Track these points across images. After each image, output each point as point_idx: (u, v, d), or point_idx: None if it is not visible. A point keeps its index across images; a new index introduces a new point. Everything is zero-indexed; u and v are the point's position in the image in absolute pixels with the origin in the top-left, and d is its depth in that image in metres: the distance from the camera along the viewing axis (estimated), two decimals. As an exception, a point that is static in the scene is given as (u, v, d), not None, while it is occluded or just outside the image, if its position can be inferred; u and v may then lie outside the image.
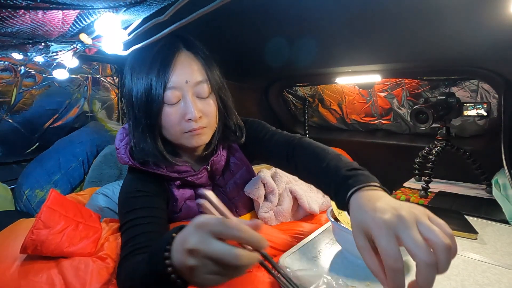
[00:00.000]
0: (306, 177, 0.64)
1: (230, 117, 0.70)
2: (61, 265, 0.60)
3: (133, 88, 0.60)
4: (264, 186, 0.81)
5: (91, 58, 1.51)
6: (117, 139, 0.69)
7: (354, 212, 0.42)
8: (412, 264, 0.57)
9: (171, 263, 0.37)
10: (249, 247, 0.34)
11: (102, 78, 1.65)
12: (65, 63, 0.93)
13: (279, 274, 0.36)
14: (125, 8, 0.48)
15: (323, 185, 0.56)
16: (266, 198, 0.81)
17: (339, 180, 0.49)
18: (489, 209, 0.88)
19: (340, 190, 0.47)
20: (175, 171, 0.66)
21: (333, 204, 0.62)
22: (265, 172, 0.92)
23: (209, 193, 0.40)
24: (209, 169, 0.71)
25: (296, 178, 0.95)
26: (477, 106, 1.01)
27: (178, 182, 0.68)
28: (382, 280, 0.36)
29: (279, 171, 0.91)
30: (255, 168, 0.98)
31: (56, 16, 0.47)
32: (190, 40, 0.63)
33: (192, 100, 0.60)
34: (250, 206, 0.81)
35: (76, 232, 0.65)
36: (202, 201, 0.39)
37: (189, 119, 0.59)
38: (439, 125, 1.07)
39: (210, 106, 0.63)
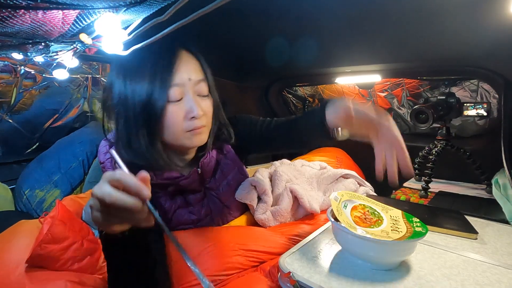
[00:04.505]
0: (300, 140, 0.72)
1: (221, 117, 0.71)
2: (67, 276, 0.60)
3: (130, 90, 0.58)
4: (256, 188, 0.80)
5: (91, 58, 1.51)
6: (101, 152, 0.66)
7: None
8: (413, 264, 0.57)
9: None
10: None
11: (102, 78, 1.65)
12: (65, 63, 0.93)
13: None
14: (125, 8, 0.48)
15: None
16: (260, 199, 0.80)
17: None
18: (489, 209, 0.88)
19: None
20: (165, 178, 0.63)
21: (333, 204, 0.62)
22: (261, 171, 0.92)
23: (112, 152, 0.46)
24: (199, 172, 0.69)
25: (296, 176, 0.95)
26: (477, 106, 1.01)
27: (171, 188, 0.66)
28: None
29: (279, 170, 0.91)
30: (253, 168, 0.98)
31: (56, 16, 0.47)
32: (186, 41, 0.63)
33: (194, 98, 0.60)
34: (244, 208, 0.80)
35: (82, 248, 0.64)
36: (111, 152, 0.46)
37: (193, 117, 0.59)
38: (439, 125, 1.07)
39: (209, 106, 0.64)
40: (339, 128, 0.59)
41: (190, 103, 0.59)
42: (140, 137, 0.58)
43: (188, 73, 0.59)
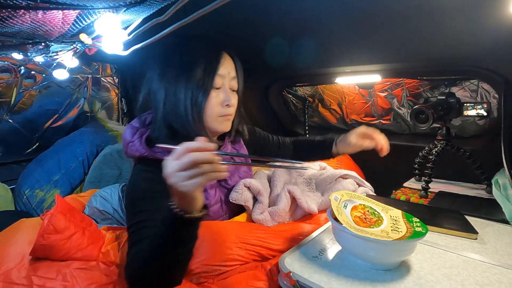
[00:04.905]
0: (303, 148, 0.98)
1: (241, 114, 0.82)
2: (70, 263, 0.62)
3: (184, 76, 0.68)
4: (249, 189, 0.80)
5: (91, 58, 1.51)
6: (128, 134, 0.73)
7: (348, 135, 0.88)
8: (413, 264, 0.57)
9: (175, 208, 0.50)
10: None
11: (102, 78, 1.65)
12: (65, 63, 0.93)
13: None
14: (125, 8, 0.48)
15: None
16: (257, 200, 0.81)
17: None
18: (489, 209, 0.88)
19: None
20: None
21: (333, 204, 0.62)
22: (260, 172, 0.94)
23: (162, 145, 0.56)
24: None
25: (295, 177, 0.96)
26: (477, 106, 1.01)
27: None
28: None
29: (277, 171, 0.92)
30: (254, 169, 0.99)
31: (56, 16, 0.47)
32: (227, 45, 0.75)
33: (228, 89, 0.72)
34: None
35: (84, 238, 0.67)
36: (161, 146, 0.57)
37: (227, 105, 0.71)
38: (439, 125, 1.07)
39: (236, 100, 0.75)
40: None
41: (226, 93, 0.71)
42: (189, 117, 0.68)
43: (228, 69, 0.71)
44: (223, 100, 0.70)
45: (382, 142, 0.83)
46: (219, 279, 0.60)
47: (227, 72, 0.71)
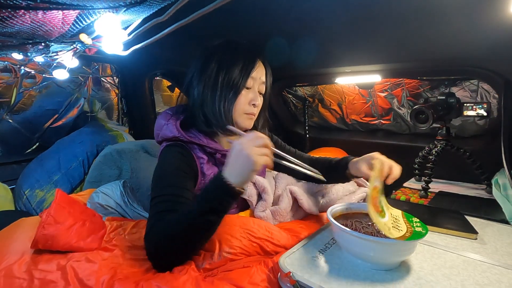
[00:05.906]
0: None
1: (264, 116, 0.89)
2: (70, 256, 0.63)
3: (225, 72, 0.76)
4: (255, 185, 0.82)
5: (91, 58, 1.51)
6: (162, 118, 0.81)
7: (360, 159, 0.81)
8: (413, 264, 0.57)
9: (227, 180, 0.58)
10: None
11: (102, 78, 1.65)
12: (65, 63, 0.93)
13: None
14: (125, 9, 0.48)
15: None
16: (261, 197, 0.82)
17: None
18: (489, 209, 0.88)
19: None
20: (216, 147, 0.79)
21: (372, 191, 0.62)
22: (265, 173, 0.94)
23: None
24: None
25: (295, 179, 0.96)
26: (477, 106, 1.01)
27: (217, 156, 0.80)
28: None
29: (280, 173, 0.92)
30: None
31: (56, 16, 0.47)
32: (262, 52, 0.82)
33: (257, 91, 0.80)
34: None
35: (84, 228, 0.68)
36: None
37: (253, 104, 0.78)
38: (439, 125, 1.07)
39: (261, 102, 0.82)
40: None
41: (255, 93, 0.79)
42: (221, 109, 0.76)
43: (259, 74, 0.78)
44: (251, 99, 0.78)
45: (396, 174, 0.72)
46: (222, 270, 0.60)
47: (258, 76, 0.78)
